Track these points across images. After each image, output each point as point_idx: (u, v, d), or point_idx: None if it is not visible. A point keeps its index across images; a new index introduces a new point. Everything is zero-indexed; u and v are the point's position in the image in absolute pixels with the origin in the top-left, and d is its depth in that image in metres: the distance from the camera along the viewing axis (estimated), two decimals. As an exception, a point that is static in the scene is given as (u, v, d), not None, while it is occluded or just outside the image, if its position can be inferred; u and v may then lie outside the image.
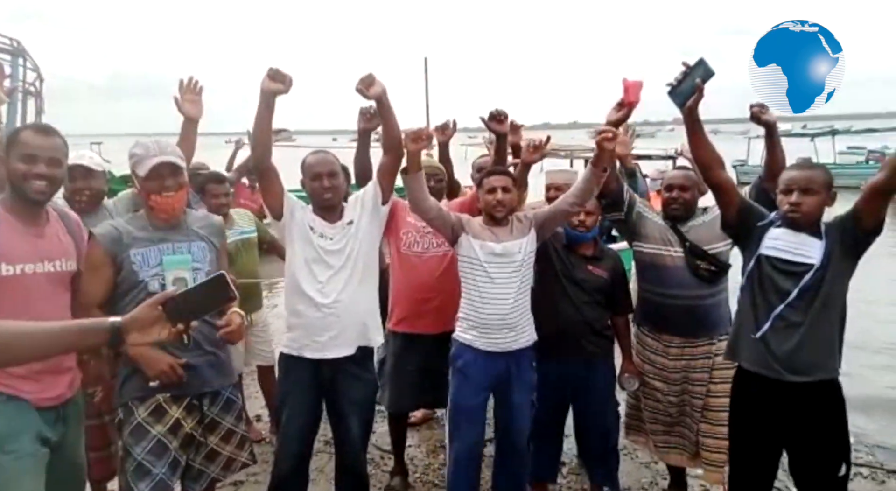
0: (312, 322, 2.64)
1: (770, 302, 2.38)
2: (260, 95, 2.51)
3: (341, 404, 2.73)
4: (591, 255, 3.08)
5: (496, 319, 2.73)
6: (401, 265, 3.19)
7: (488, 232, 2.80)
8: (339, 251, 2.68)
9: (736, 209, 2.55)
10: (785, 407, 2.37)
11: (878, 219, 2.28)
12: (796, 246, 2.36)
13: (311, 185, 2.70)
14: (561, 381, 3.06)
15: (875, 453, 3.94)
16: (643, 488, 3.49)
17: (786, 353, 2.33)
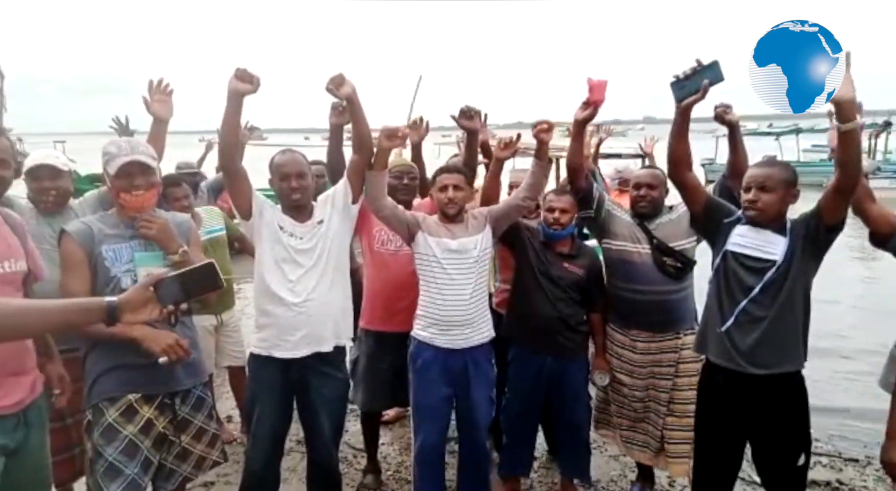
0: (283, 321, 2.63)
1: (735, 297, 2.44)
2: (227, 95, 2.49)
3: (313, 403, 2.73)
4: (568, 252, 3.12)
5: (454, 316, 2.77)
6: (374, 263, 3.19)
7: (444, 229, 2.83)
8: (309, 250, 2.67)
9: (702, 207, 2.62)
10: (748, 399, 2.43)
11: (840, 217, 2.34)
12: (760, 243, 2.42)
13: (280, 186, 2.69)
14: (536, 376, 3.11)
15: (834, 443, 4.07)
16: (612, 481, 3.56)
17: (748, 346, 2.39)
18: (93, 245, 2.24)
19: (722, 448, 2.56)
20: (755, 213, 2.41)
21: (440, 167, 3.05)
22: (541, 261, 3.07)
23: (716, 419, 2.55)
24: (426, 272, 2.82)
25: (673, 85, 2.46)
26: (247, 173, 2.69)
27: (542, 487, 3.49)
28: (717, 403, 2.54)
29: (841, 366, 5.26)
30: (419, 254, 2.83)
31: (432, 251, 2.79)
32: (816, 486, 3.52)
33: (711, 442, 2.59)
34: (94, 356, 2.27)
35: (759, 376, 2.39)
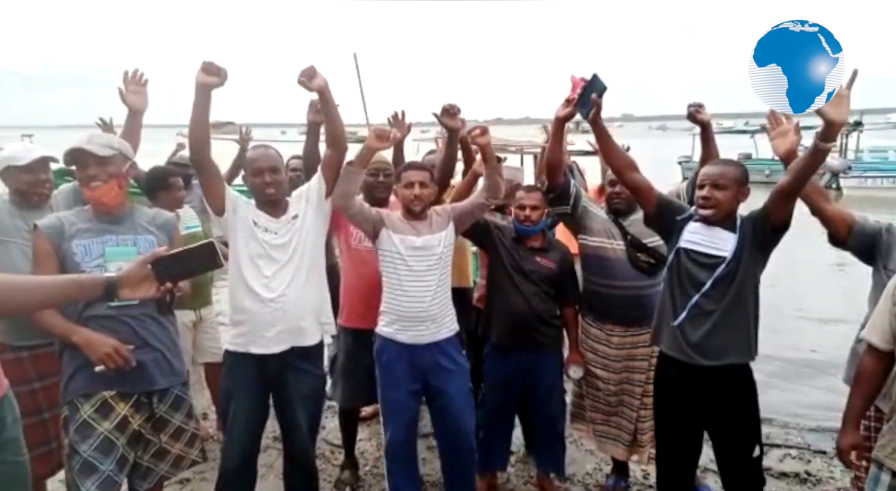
0: (259, 317, 2.62)
1: (687, 292, 2.51)
2: (195, 89, 2.45)
3: (289, 399, 2.72)
4: (540, 246, 3.16)
5: (418, 312, 2.79)
6: (351, 260, 3.19)
7: (408, 226, 2.85)
8: (284, 245, 2.66)
9: (654, 206, 2.68)
10: (700, 389, 2.51)
11: (786, 217, 2.42)
12: (710, 240, 2.49)
13: (253, 181, 2.67)
14: (512, 372, 3.14)
15: (803, 436, 4.16)
16: (588, 474, 3.61)
17: (698, 338, 2.47)
18: (61, 240, 2.23)
19: (679, 437, 2.64)
20: (710, 211, 2.47)
21: (406, 163, 3.07)
22: (513, 257, 3.11)
23: (671, 409, 2.63)
24: (390, 269, 2.83)
25: (576, 105, 2.67)
26: (218, 168, 2.67)
27: (519, 481, 3.53)
28: (670, 393, 2.62)
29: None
30: (383, 251, 2.84)
31: (396, 248, 2.80)
32: (786, 477, 3.60)
33: (669, 431, 2.67)
34: (70, 352, 2.26)
35: (709, 367, 2.47)
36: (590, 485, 3.50)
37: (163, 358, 2.35)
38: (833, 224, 2.54)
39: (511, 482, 3.51)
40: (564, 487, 3.44)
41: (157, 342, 2.32)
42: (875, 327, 2.16)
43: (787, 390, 4.98)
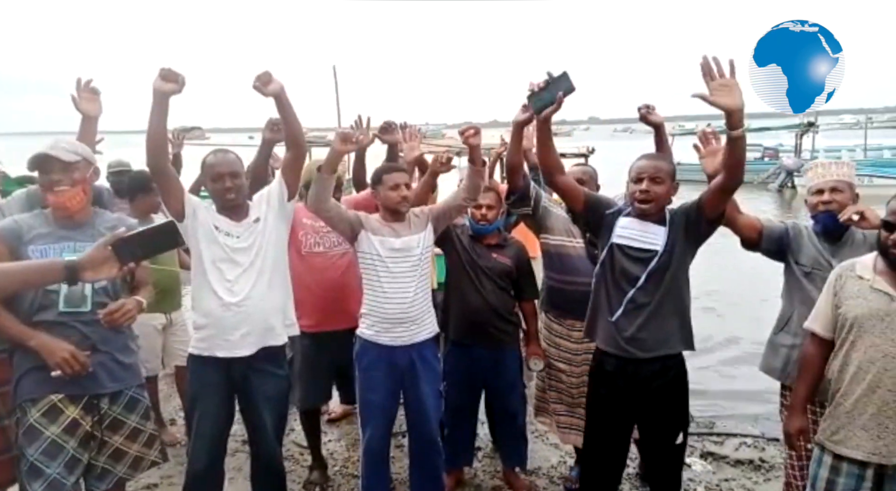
0: (223, 321, 2.63)
1: (622, 287, 2.56)
2: (153, 96, 2.45)
3: (255, 402, 2.74)
4: (496, 243, 3.25)
5: (398, 314, 2.83)
6: (304, 267, 3.20)
7: (387, 228, 2.88)
8: (246, 249, 2.67)
9: (582, 204, 2.73)
10: (634, 382, 2.57)
11: (719, 212, 2.50)
12: (642, 234, 2.56)
13: (213, 186, 2.67)
14: (472, 367, 3.23)
15: (757, 424, 4.33)
16: (552, 467, 3.70)
17: (634, 332, 2.53)
18: (19, 244, 2.23)
19: (611, 431, 2.69)
20: (649, 205, 2.51)
21: (388, 166, 3.10)
22: (470, 254, 3.19)
23: (606, 402, 2.67)
24: (370, 271, 2.87)
25: (530, 98, 2.52)
26: (176, 173, 2.68)
27: (486, 476, 3.60)
28: (606, 387, 2.66)
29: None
30: (362, 253, 2.87)
31: (376, 250, 2.83)
32: (741, 464, 3.75)
33: (601, 424, 2.71)
34: (18, 356, 2.27)
35: (645, 360, 2.54)
36: (554, 477, 3.60)
37: (112, 361, 2.35)
38: (744, 231, 2.70)
39: (478, 477, 3.59)
40: (530, 480, 3.53)
41: (107, 346, 2.33)
42: (817, 317, 2.29)
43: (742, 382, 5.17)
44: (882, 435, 2.09)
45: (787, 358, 2.66)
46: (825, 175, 2.61)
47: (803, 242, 2.63)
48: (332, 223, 2.88)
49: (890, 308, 2.08)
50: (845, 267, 2.26)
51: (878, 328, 2.09)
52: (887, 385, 2.06)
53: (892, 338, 2.06)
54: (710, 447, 3.98)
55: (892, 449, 2.08)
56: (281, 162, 3.18)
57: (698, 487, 3.48)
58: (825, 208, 2.57)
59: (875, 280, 2.13)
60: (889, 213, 2.08)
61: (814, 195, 2.63)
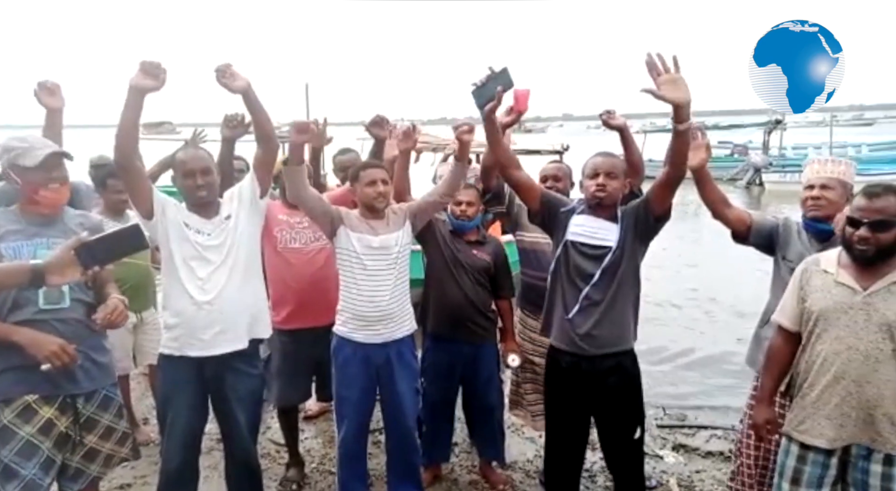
0: (195, 320, 2.60)
1: (576, 284, 2.61)
2: (128, 91, 2.35)
3: (228, 401, 2.71)
4: (476, 240, 3.28)
5: (375, 311, 2.83)
6: (279, 264, 3.18)
7: (366, 225, 2.87)
8: (218, 246, 2.64)
9: (538, 202, 2.77)
10: (590, 378, 2.62)
11: (666, 207, 2.57)
12: (596, 231, 2.62)
13: (184, 183, 2.64)
14: (451, 363, 3.26)
15: (728, 415, 4.40)
16: (528, 461, 3.74)
17: (589, 329, 2.58)
18: None
19: (569, 427, 2.74)
20: (604, 195, 2.58)
21: (365, 162, 3.11)
22: (450, 249, 3.21)
23: (562, 399, 2.73)
24: (346, 268, 2.86)
25: (473, 93, 2.52)
26: (145, 171, 2.63)
27: (463, 470, 3.63)
28: (562, 383, 2.71)
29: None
30: (340, 249, 2.86)
31: (353, 247, 2.82)
32: (712, 456, 3.84)
33: (560, 421, 2.76)
34: None
35: (599, 356, 2.59)
36: (530, 471, 3.64)
37: (88, 359, 2.32)
38: (734, 225, 2.75)
39: (455, 472, 3.61)
40: (507, 474, 3.57)
41: (83, 344, 2.29)
42: (784, 310, 2.35)
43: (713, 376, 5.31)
44: (844, 423, 2.16)
45: None
46: (819, 171, 2.64)
47: (792, 239, 2.68)
48: (312, 215, 2.87)
49: (853, 301, 2.14)
50: (810, 262, 2.32)
51: (843, 321, 2.15)
52: (851, 376, 2.13)
53: (855, 331, 2.13)
54: (681, 439, 4.07)
55: (854, 437, 2.16)
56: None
57: (670, 479, 3.55)
58: (813, 204, 2.61)
59: (839, 274, 2.19)
60: (853, 210, 2.14)
61: (805, 190, 2.67)
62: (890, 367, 2.10)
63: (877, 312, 2.11)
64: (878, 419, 2.11)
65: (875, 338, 2.10)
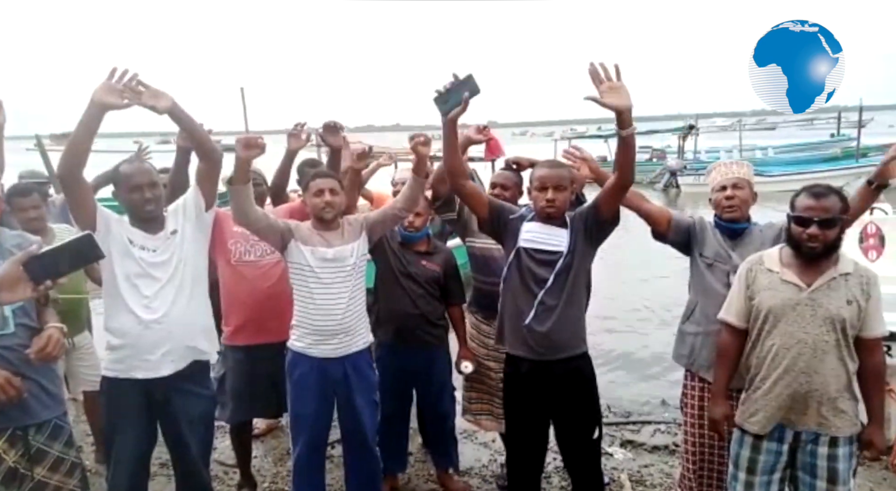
0: (141, 340, 2.46)
1: (531, 290, 2.62)
2: (90, 105, 2.24)
3: (178, 424, 2.58)
4: (425, 250, 3.27)
5: (331, 325, 2.75)
6: (233, 278, 3.07)
7: (318, 237, 2.79)
8: (164, 263, 2.52)
9: (486, 209, 2.79)
10: (548, 383, 2.65)
11: (614, 211, 2.62)
12: (547, 237, 2.66)
13: (130, 198, 2.50)
14: (403, 372, 3.24)
15: (670, 411, 4.61)
16: (484, 466, 3.76)
17: (545, 334, 2.59)
18: None
19: (529, 432, 2.76)
20: (554, 210, 2.62)
21: (314, 171, 3.02)
22: (399, 260, 3.19)
23: (523, 405, 2.75)
24: (300, 282, 2.78)
25: (436, 99, 2.48)
26: (90, 185, 2.48)
27: (420, 480, 3.61)
28: (522, 390, 2.71)
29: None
30: (292, 263, 2.78)
31: (306, 260, 2.74)
32: (658, 450, 3.97)
33: (520, 428, 2.78)
34: None
35: (558, 361, 2.62)
36: (486, 476, 3.66)
37: (40, 389, 2.18)
38: (654, 219, 2.85)
39: (412, 482, 3.59)
40: (464, 480, 3.57)
41: (34, 372, 2.14)
42: (731, 308, 2.47)
43: (656, 375, 5.52)
44: (795, 409, 2.29)
45: (692, 346, 2.82)
46: (727, 173, 2.79)
47: (707, 236, 2.81)
48: (261, 235, 2.78)
49: (799, 298, 2.28)
50: (753, 261, 2.44)
51: (791, 317, 2.28)
52: (801, 367, 2.26)
53: (802, 326, 2.26)
54: (628, 436, 4.19)
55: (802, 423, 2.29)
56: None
57: (621, 475, 3.65)
58: (728, 205, 2.74)
59: (784, 272, 2.33)
60: (801, 209, 2.27)
61: (718, 192, 2.80)
62: (833, 356, 2.25)
63: (821, 307, 2.25)
64: (824, 405, 2.26)
65: (820, 331, 2.24)
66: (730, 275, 2.66)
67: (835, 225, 2.23)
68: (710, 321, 2.68)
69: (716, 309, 2.59)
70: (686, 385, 2.89)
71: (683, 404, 2.91)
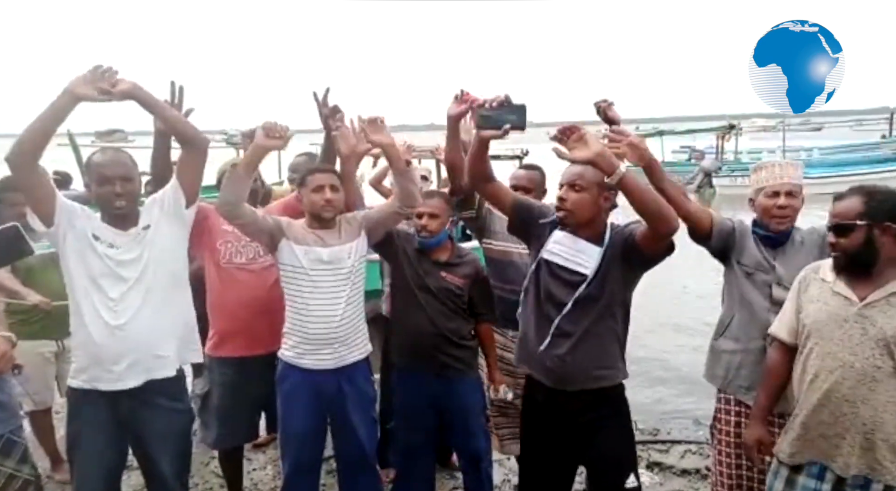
0: (105, 348, 2.25)
1: (548, 314, 2.31)
2: (64, 94, 2.10)
3: (147, 442, 2.37)
4: (446, 260, 2.82)
5: (324, 333, 2.52)
6: (222, 281, 2.80)
7: (313, 236, 2.57)
8: (133, 261, 2.30)
9: (511, 209, 2.50)
10: (566, 416, 2.32)
11: (657, 251, 2.21)
12: (573, 253, 2.30)
13: (100, 191, 2.30)
14: (421, 401, 2.83)
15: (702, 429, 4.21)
16: (497, 487, 3.48)
17: (561, 362, 2.27)
18: None
19: (544, 470, 2.41)
20: (564, 213, 2.29)
21: (312, 166, 2.79)
22: (415, 271, 2.79)
23: (539, 438, 2.43)
24: (292, 285, 2.55)
25: (479, 110, 2.24)
26: (46, 172, 2.28)
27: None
28: (538, 420, 2.43)
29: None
30: (283, 265, 2.56)
31: (299, 262, 2.52)
32: (688, 474, 3.67)
33: (536, 463, 2.46)
34: None
35: (577, 392, 2.28)
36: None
37: None
38: (696, 220, 2.45)
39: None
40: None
41: None
42: (782, 322, 2.17)
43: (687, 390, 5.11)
44: (839, 446, 1.97)
45: (728, 365, 2.52)
46: (782, 177, 2.43)
47: (748, 242, 2.50)
48: (247, 232, 2.56)
49: (848, 313, 1.96)
50: (811, 269, 2.15)
51: (836, 335, 1.97)
52: (845, 395, 1.94)
53: (850, 346, 1.94)
54: (655, 456, 3.89)
55: (849, 462, 1.96)
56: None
57: (647, 501, 3.35)
58: (780, 215, 2.40)
59: (836, 283, 2.02)
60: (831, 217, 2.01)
61: (769, 198, 2.44)
62: (890, 386, 1.91)
63: (873, 326, 1.92)
64: (877, 445, 1.92)
65: (871, 354, 1.91)
66: (772, 286, 2.36)
67: (847, 231, 1.92)
68: (749, 337, 2.39)
69: (755, 323, 2.31)
70: (720, 408, 2.58)
71: (716, 429, 2.61)
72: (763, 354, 2.36)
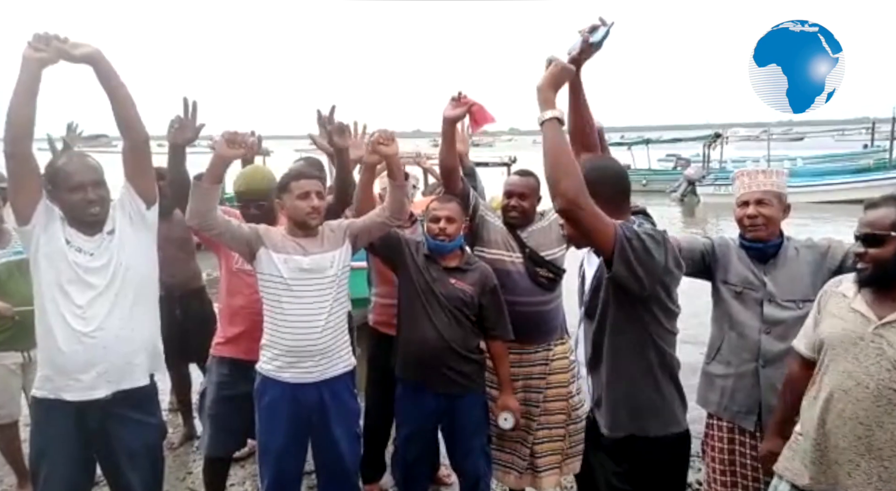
0: (72, 356, 2.15)
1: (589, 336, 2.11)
2: (23, 64, 2.02)
3: (115, 458, 2.26)
4: (456, 266, 2.74)
5: (305, 345, 2.41)
6: (232, 285, 2.78)
7: (293, 244, 2.46)
8: (101, 268, 2.21)
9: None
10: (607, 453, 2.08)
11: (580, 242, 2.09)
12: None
13: (71, 199, 2.20)
14: (424, 416, 2.74)
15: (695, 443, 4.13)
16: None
17: (597, 399, 2.08)
18: None
19: None
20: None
21: (297, 171, 2.67)
22: (424, 278, 2.70)
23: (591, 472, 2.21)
24: (271, 295, 2.44)
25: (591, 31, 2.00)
26: (39, 167, 2.18)
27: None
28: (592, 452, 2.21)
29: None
30: (262, 274, 2.45)
31: (278, 271, 2.41)
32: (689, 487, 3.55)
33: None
34: None
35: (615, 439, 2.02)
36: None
37: None
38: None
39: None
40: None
41: None
42: (803, 337, 2.08)
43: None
44: (852, 473, 1.85)
45: (721, 390, 2.43)
46: (751, 185, 2.36)
47: (732, 259, 2.40)
48: (223, 241, 2.45)
49: (864, 332, 1.85)
50: (833, 283, 2.05)
51: (852, 353, 1.86)
52: (859, 417, 1.83)
53: (866, 365, 1.83)
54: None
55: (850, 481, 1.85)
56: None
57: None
58: (751, 224, 2.35)
59: (854, 299, 1.91)
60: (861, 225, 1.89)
61: (739, 207, 2.38)
62: None
63: (892, 347, 1.81)
64: None
65: (888, 376, 1.80)
66: (763, 304, 2.27)
67: (881, 242, 1.81)
68: (741, 361, 2.30)
69: (747, 346, 2.24)
70: (711, 425, 2.49)
71: (707, 446, 2.53)
72: (757, 376, 2.30)
